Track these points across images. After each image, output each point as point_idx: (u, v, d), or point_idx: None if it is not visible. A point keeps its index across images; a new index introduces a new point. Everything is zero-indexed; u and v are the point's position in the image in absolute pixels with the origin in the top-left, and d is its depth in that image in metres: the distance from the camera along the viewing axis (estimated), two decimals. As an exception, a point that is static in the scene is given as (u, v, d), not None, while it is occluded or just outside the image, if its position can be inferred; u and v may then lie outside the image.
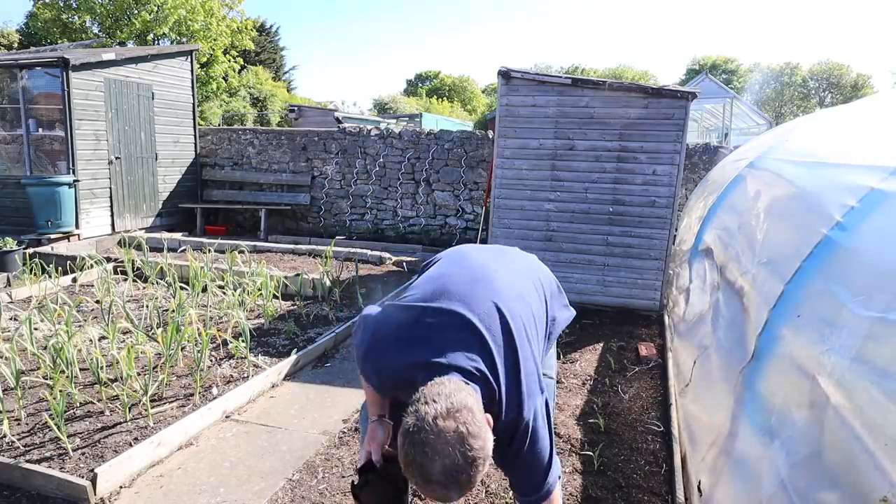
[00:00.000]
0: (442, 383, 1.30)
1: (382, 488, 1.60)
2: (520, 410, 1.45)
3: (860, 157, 2.15)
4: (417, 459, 1.22)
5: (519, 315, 1.56)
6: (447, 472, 1.20)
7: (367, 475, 1.60)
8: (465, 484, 1.23)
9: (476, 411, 1.27)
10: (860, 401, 1.22)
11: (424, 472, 1.22)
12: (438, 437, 1.20)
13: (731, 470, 1.88)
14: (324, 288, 5.34)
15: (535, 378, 1.54)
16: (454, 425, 1.22)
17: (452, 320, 1.47)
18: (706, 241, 3.88)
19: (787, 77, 48.78)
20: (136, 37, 19.77)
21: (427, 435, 1.21)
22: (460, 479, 1.21)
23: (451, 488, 1.22)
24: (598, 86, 5.04)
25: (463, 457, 1.21)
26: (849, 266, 1.62)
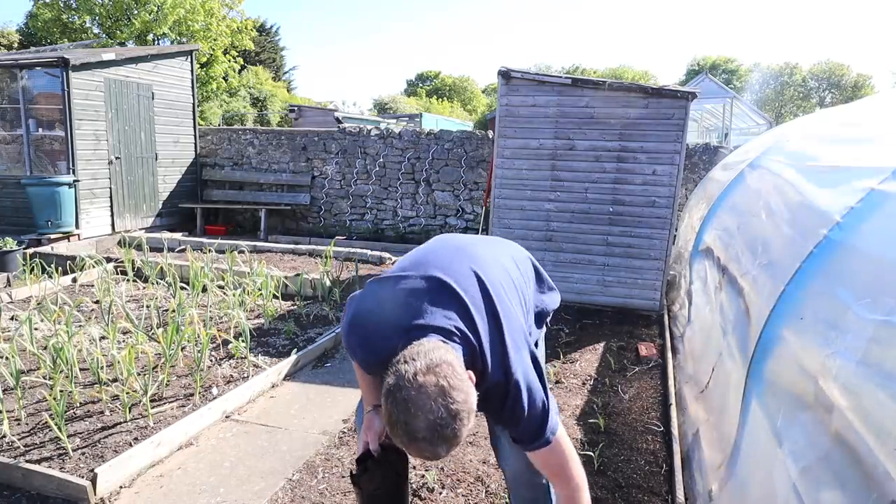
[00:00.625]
0: (420, 343, 1.31)
1: (381, 474, 1.60)
2: (507, 366, 1.45)
3: (860, 158, 2.15)
4: (401, 418, 1.21)
5: (498, 279, 1.58)
6: (432, 428, 1.20)
7: (366, 463, 1.61)
8: (452, 438, 1.22)
9: (456, 366, 1.27)
10: (867, 404, 1.21)
11: (409, 429, 1.21)
12: (420, 393, 1.20)
13: (739, 477, 1.88)
14: (324, 288, 5.34)
15: (521, 334, 1.55)
16: (434, 380, 1.21)
17: (429, 284, 1.49)
18: (706, 242, 3.88)
19: (787, 77, 48.77)
20: (136, 37, 19.76)
21: (408, 392, 1.20)
22: (446, 434, 1.21)
23: (438, 444, 1.21)
24: (598, 86, 5.04)
25: (446, 410, 1.20)
26: (850, 267, 1.62)
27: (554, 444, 1.50)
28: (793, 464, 1.42)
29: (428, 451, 1.23)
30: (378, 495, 1.58)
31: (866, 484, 1.13)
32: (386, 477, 1.60)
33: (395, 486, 1.59)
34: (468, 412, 1.24)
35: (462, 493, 2.55)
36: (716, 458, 2.16)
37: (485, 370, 1.44)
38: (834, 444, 1.29)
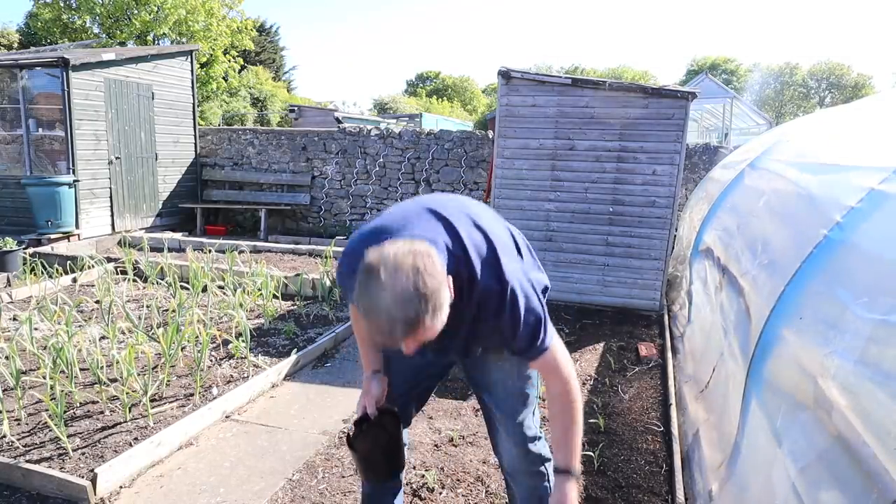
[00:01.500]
0: (403, 239, 1.33)
1: (374, 436, 1.63)
2: (501, 274, 1.47)
3: (860, 158, 2.15)
4: (371, 289, 1.21)
5: (490, 225, 1.60)
6: (395, 300, 1.19)
7: (362, 426, 1.64)
8: (412, 321, 1.21)
9: (436, 260, 1.27)
10: (866, 404, 1.21)
11: (374, 300, 1.21)
12: (394, 268, 1.20)
13: (739, 476, 1.88)
14: (324, 288, 5.34)
15: (513, 251, 1.59)
16: (411, 260, 1.22)
17: (415, 207, 1.55)
18: (706, 242, 3.88)
19: (787, 77, 48.77)
20: (136, 37, 19.76)
21: (384, 263, 1.21)
22: (408, 311, 1.20)
23: (396, 319, 1.20)
24: (598, 86, 5.04)
25: (415, 288, 1.20)
26: (849, 267, 1.62)
27: (551, 349, 1.55)
28: (792, 463, 1.42)
29: (384, 324, 1.22)
30: (372, 458, 1.60)
31: (866, 483, 1.13)
32: (379, 438, 1.63)
33: (390, 449, 1.61)
34: (436, 305, 1.23)
35: (462, 493, 2.55)
36: (716, 458, 2.16)
37: (473, 277, 1.45)
38: (833, 444, 1.29)
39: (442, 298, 1.26)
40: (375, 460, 1.62)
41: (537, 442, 1.82)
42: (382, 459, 1.62)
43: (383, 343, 1.33)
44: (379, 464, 1.63)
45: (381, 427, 1.64)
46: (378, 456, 1.62)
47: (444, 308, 1.28)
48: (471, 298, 1.47)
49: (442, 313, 1.28)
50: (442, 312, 1.27)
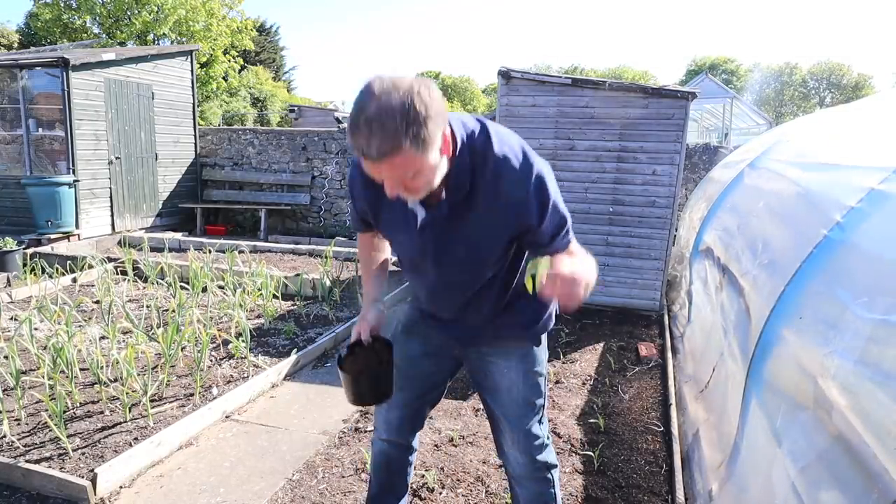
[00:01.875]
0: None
1: (365, 358, 1.65)
2: (526, 156, 1.44)
3: (860, 158, 2.15)
4: (360, 101, 1.17)
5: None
6: (379, 112, 1.14)
7: (355, 350, 1.67)
8: (390, 138, 1.14)
9: (436, 94, 1.22)
10: (866, 404, 1.21)
11: (359, 111, 1.16)
12: (390, 87, 1.16)
13: (739, 476, 1.88)
14: (324, 288, 5.34)
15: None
16: (409, 83, 1.17)
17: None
18: (706, 242, 3.88)
19: (787, 77, 48.79)
20: (136, 37, 19.77)
21: (381, 82, 1.17)
22: (387, 127, 1.14)
23: (374, 134, 1.14)
24: (598, 86, 5.04)
25: (402, 105, 1.14)
26: (849, 267, 1.62)
27: (574, 243, 1.58)
28: (792, 463, 1.42)
29: (363, 139, 1.16)
30: (361, 379, 1.61)
31: (866, 483, 1.13)
32: (370, 361, 1.65)
33: (378, 374, 1.62)
34: (422, 130, 1.16)
35: (462, 493, 2.55)
36: (716, 458, 2.16)
37: (489, 151, 1.40)
38: (833, 444, 1.29)
39: (430, 133, 1.18)
40: (363, 383, 1.62)
41: (544, 450, 1.78)
42: (369, 384, 1.62)
43: (366, 171, 1.25)
44: (365, 387, 1.63)
45: (372, 352, 1.66)
46: (365, 379, 1.62)
47: (431, 146, 1.21)
48: (485, 174, 1.40)
49: (428, 153, 1.21)
50: (428, 152, 1.21)
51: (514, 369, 1.71)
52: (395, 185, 1.26)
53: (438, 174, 1.32)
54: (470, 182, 1.41)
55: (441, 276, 1.59)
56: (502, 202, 1.42)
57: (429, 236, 1.50)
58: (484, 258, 1.53)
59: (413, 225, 1.50)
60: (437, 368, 1.83)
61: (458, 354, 1.83)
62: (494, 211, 1.43)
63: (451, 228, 1.47)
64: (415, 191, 1.31)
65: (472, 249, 1.50)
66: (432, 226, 1.48)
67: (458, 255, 1.52)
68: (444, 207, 1.44)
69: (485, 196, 1.42)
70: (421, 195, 1.35)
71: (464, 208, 1.44)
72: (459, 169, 1.39)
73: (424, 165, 1.24)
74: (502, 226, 1.46)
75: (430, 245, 1.52)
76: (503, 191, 1.42)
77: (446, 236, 1.49)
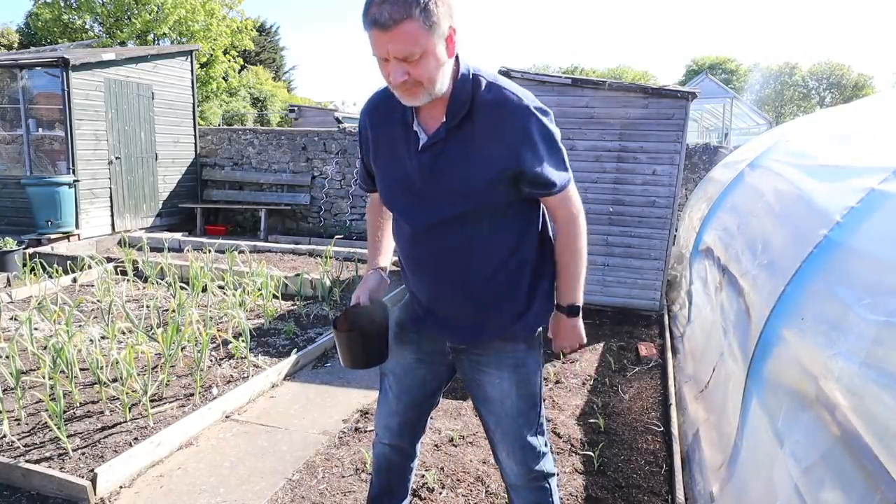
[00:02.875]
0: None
1: (361, 319, 1.66)
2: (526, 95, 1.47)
3: (860, 158, 2.15)
4: None
5: None
6: None
7: (351, 311, 1.67)
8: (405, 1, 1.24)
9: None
10: (870, 406, 1.21)
11: None
12: None
13: (740, 477, 1.88)
14: (324, 288, 5.34)
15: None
16: None
17: None
18: (706, 242, 3.88)
19: (787, 77, 48.80)
20: (136, 37, 19.77)
21: None
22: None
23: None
24: (598, 86, 5.04)
25: None
26: (850, 267, 1.62)
27: (573, 181, 1.58)
28: (794, 464, 1.42)
29: (377, 3, 1.26)
30: (353, 338, 1.61)
31: (869, 485, 1.13)
32: (362, 320, 1.65)
33: (371, 333, 1.62)
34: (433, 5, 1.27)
35: (462, 493, 2.55)
36: (716, 459, 2.16)
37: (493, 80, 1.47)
38: (836, 445, 1.29)
39: (439, 13, 1.28)
40: (355, 343, 1.62)
41: (541, 459, 1.74)
42: (362, 344, 1.62)
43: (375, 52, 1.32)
44: (358, 347, 1.62)
45: (367, 313, 1.66)
46: (358, 338, 1.62)
47: (438, 27, 1.29)
48: (486, 101, 1.44)
49: (435, 35, 1.30)
50: (435, 33, 1.29)
51: (507, 380, 1.66)
52: (399, 68, 1.31)
53: (441, 74, 1.37)
54: (469, 107, 1.44)
55: (431, 207, 1.54)
56: (500, 133, 1.45)
57: (426, 160, 1.50)
58: (475, 189, 1.49)
59: (414, 150, 1.51)
60: (433, 375, 1.81)
61: (451, 360, 1.79)
62: (492, 141, 1.45)
63: (449, 153, 1.48)
64: (417, 80, 1.34)
65: (464, 177, 1.48)
66: (430, 149, 1.50)
67: (451, 181, 1.50)
68: (442, 130, 1.47)
69: (483, 124, 1.45)
70: (421, 95, 1.38)
71: (462, 133, 1.47)
72: (460, 91, 1.44)
73: (430, 47, 1.30)
74: (497, 157, 1.45)
75: (427, 170, 1.51)
76: (502, 121, 1.44)
77: (443, 160, 1.49)
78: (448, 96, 1.44)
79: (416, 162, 1.52)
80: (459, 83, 1.44)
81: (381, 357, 1.63)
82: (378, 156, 1.62)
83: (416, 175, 1.52)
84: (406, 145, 1.53)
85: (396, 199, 1.63)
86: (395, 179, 1.59)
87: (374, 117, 1.61)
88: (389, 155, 1.59)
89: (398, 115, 1.53)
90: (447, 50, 1.35)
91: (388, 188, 1.64)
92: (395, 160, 1.57)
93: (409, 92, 1.37)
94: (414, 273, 1.70)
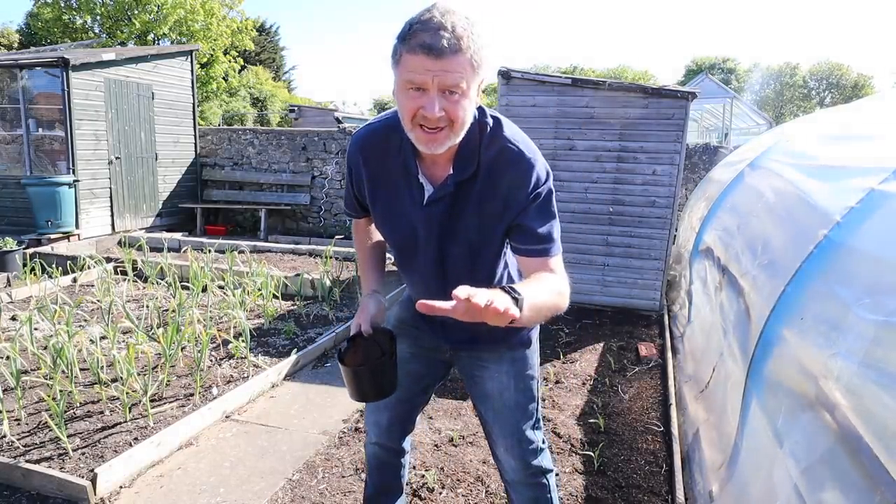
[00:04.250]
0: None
1: (366, 349, 1.59)
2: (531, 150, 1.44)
3: (860, 158, 2.15)
4: (427, 9, 1.25)
5: None
6: (451, 12, 1.23)
7: (355, 341, 1.60)
8: (464, 30, 1.21)
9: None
10: (870, 406, 1.21)
11: (429, 11, 1.24)
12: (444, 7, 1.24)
13: (740, 477, 1.88)
14: (324, 288, 5.34)
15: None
16: (462, 12, 1.25)
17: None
18: (706, 242, 3.88)
19: (787, 77, 48.79)
20: (136, 37, 19.78)
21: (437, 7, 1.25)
22: (462, 22, 1.22)
23: (448, 22, 1.21)
24: (598, 86, 5.04)
25: (468, 17, 1.24)
26: (850, 267, 1.62)
27: (560, 257, 1.49)
28: (794, 464, 1.42)
29: (432, 30, 1.20)
30: (361, 372, 1.54)
31: (869, 485, 1.13)
32: (371, 352, 1.58)
33: (379, 365, 1.54)
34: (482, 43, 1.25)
35: (462, 493, 2.55)
36: (716, 459, 2.16)
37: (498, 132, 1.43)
38: (836, 445, 1.29)
39: (483, 59, 1.26)
40: (363, 377, 1.55)
41: (539, 455, 1.74)
42: (370, 377, 1.54)
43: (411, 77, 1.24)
44: (367, 381, 1.55)
45: (374, 343, 1.59)
46: (366, 372, 1.55)
47: (479, 72, 1.27)
48: (490, 153, 1.41)
49: (477, 77, 1.27)
50: (478, 76, 1.27)
51: (505, 373, 1.67)
52: (435, 101, 1.24)
53: (468, 121, 1.32)
54: (477, 160, 1.41)
55: (439, 261, 1.54)
56: (504, 189, 1.42)
57: (435, 213, 1.46)
58: (485, 244, 1.50)
59: (418, 201, 1.46)
60: (427, 371, 1.80)
61: (448, 358, 1.79)
62: (496, 198, 1.42)
63: (457, 208, 1.45)
64: (451, 119, 1.27)
65: (472, 230, 1.47)
66: (439, 203, 1.45)
67: (459, 234, 1.48)
68: (450, 184, 1.42)
69: (489, 179, 1.42)
70: (445, 140, 1.31)
71: (469, 188, 1.43)
72: (467, 143, 1.39)
73: (470, 89, 1.27)
74: (501, 213, 1.44)
75: (434, 224, 1.48)
76: (505, 177, 1.41)
77: (452, 215, 1.46)
78: (455, 147, 1.38)
79: (421, 214, 1.48)
80: (467, 134, 1.38)
81: (392, 388, 1.57)
82: (376, 198, 1.56)
83: (421, 226, 1.50)
84: (409, 195, 1.48)
85: (398, 243, 1.60)
86: (398, 226, 1.55)
87: (368, 154, 1.52)
88: (390, 200, 1.53)
89: (396, 159, 1.47)
90: (476, 99, 1.32)
91: (389, 233, 1.61)
92: (397, 207, 1.52)
93: (434, 135, 1.29)
94: (411, 281, 1.70)
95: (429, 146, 1.31)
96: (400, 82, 1.27)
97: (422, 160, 1.45)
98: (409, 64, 1.23)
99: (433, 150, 1.32)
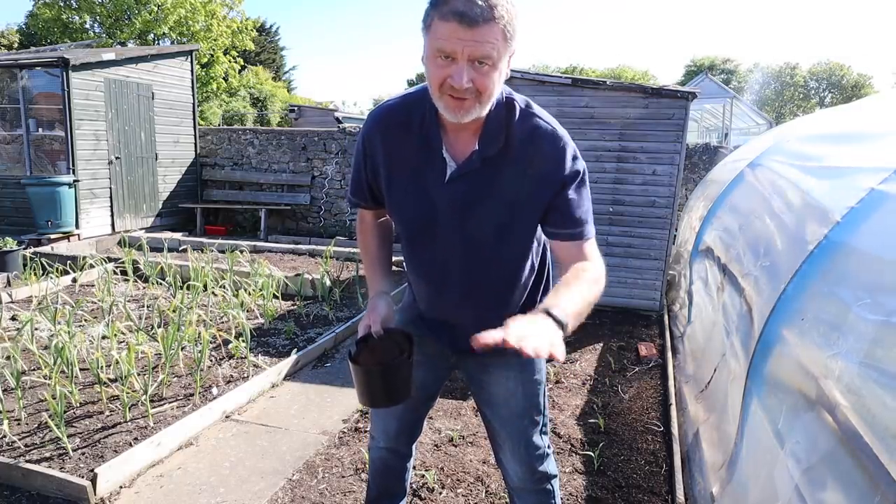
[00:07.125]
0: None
1: (381, 349, 1.49)
2: (564, 133, 1.40)
3: (860, 158, 2.15)
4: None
5: None
6: None
7: (366, 342, 1.51)
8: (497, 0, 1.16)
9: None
10: (871, 406, 1.21)
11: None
12: None
13: (740, 478, 1.88)
14: (324, 288, 5.34)
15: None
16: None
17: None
18: (706, 242, 3.88)
19: (787, 77, 48.80)
20: (136, 37, 19.78)
21: None
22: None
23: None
24: (598, 86, 5.04)
25: None
26: (850, 267, 1.62)
27: (593, 240, 1.45)
28: (795, 465, 1.42)
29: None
30: (373, 374, 1.44)
31: (870, 485, 1.13)
32: (386, 351, 1.49)
33: (396, 365, 1.44)
34: (515, 13, 1.20)
35: (462, 493, 2.55)
36: (717, 459, 2.16)
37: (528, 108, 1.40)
38: (837, 446, 1.29)
39: (514, 30, 1.20)
40: (374, 379, 1.44)
41: (545, 460, 1.72)
42: (383, 378, 1.44)
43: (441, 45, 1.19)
44: (378, 383, 1.44)
45: (391, 343, 1.50)
46: (380, 371, 1.44)
47: (511, 43, 1.22)
48: (520, 131, 1.36)
49: (508, 48, 1.22)
50: (509, 47, 1.22)
51: (512, 379, 1.64)
52: (464, 71, 1.20)
53: (496, 92, 1.28)
54: (504, 137, 1.36)
55: (455, 236, 1.46)
56: (538, 167, 1.37)
57: (458, 191, 1.40)
58: (514, 226, 1.43)
59: (440, 178, 1.40)
60: (433, 378, 1.77)
61: (453, 363, 1.75)
62: (529, 177, 1.37)
63: (483, 186, 1.39)
64: (479, 90, 1.23)
65: (497, 210, 1.40)
66: (461, 179, 1.39)
67: (483, 214, 1.41)
68: (476, 159, 1.37)
69: (518, 157, 1.37)
70: (472, 109, 1.27)
71: (497, 165, 1.37)
72: (494, 119, 1.35)
73: (500, 60, 1.22)
74: (533, 193, 1.38)
75: (458, 203, 1.41)
76: (538, 155, 1.37)
77: (477, 193, 1.39)
78: (481, 122, 1.34)
79: (444, 191, 1.42)
80: (494, 111, 1.34)
81: (407, 393, 1.47)
82: (392, 181, 1.49)
83: (443, 205, 1.43)
84: (431, 171, 1.42)
85: (415, 226, 1.52)
86: (417, 208, 1.47)
87: (386, 130, 1.45)
88: (409, 181, 1.46)
89: (416, 137, 1.41)
90: (506, 71, 1.28)
91: (405, 214, 1.52)
92: (416, 187, 1.45)
93: (461, 103, 1.25)
94: (421, 274, 1.62)
95: (456, 113, 1.27)
96: (430, 50, 1.23)
97: (446, 134, 1.39)
98: (439, 31, 1.19)
99: (460, 117, 1.27)
